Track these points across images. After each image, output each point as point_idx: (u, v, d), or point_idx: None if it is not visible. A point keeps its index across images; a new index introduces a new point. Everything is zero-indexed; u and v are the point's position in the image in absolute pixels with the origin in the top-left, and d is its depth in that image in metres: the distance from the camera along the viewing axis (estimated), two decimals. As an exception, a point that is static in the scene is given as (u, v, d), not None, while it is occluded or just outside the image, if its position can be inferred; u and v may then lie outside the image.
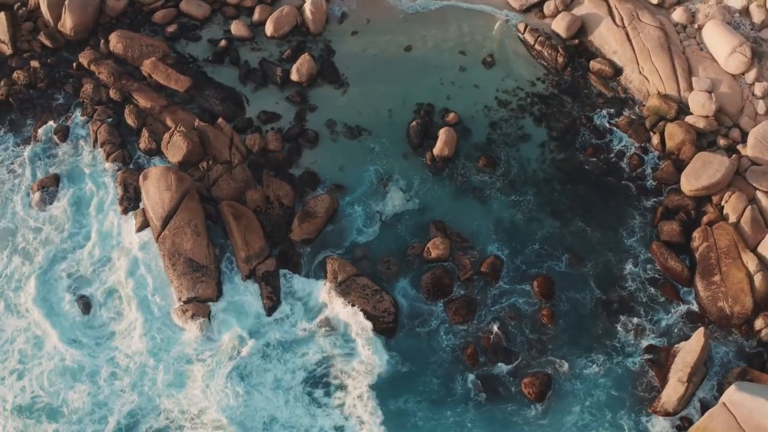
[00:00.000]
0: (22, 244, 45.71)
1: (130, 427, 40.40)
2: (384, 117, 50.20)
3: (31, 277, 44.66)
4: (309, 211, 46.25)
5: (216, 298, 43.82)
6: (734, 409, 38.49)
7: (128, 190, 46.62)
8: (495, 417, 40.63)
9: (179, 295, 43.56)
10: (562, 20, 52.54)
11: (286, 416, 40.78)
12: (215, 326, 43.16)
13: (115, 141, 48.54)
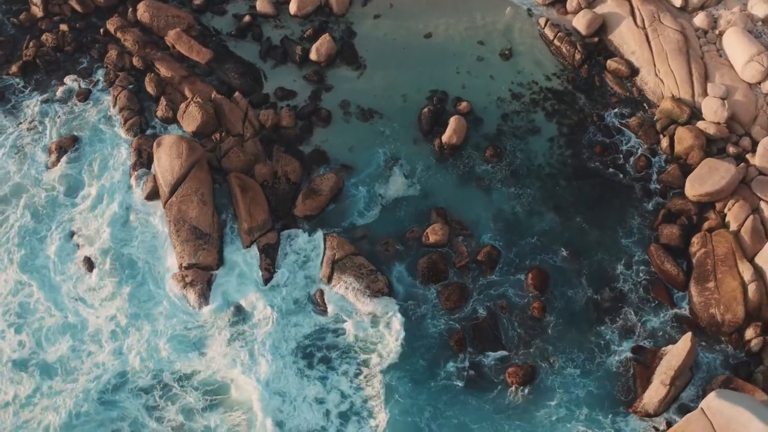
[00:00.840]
0: (33, 202, 46.71)
1: (117, 386, 41.25)
2: (397, 101, 50.37)
3: (38, 234, 45.67)
4: (314, 188, 46.73)
5: (216, 266, 44.56)
6: (712, 415, 38.23)
7: (142, 155, 47.58)
8: (469, 402, 40.77)
9: (180, 260, 44.38)
10: (584, 17, 52.14)
11: (275, 382, 41.24)
12: (213, 293, 43.84)
13: (133, 107, 49.51)
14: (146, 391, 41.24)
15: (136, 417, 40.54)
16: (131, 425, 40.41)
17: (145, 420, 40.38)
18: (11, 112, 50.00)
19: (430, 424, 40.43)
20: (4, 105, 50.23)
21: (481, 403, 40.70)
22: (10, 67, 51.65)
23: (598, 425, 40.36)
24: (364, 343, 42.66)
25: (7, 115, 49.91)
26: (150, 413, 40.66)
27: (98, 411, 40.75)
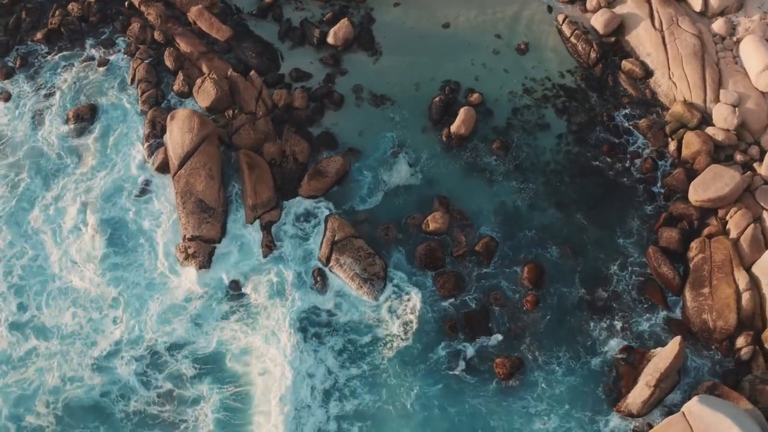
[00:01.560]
0: (46, 167, 47.67)
1: (111, 353, 42.10)
2: (410, 89, 50.35)
3: (48, 199, 46.61)
4: (320, 169, 47.04)
5: (218, 240, 45.14)
6: (692, 420, 38.01)
7: (155, 127, 48.18)
8: (454, 388, 41.02)
9: (184, 232, 45.01)
10: (602, 16, 51.61)
11: (266, 354, 42.01)
12: (213, 266, 44.44)
13: (151, 80, 50.17)
14: (139, 359, 41.98)
15: (127, 383, 41.24)
16: (121, 389, 41.12)
17: (136, 386, 41.11)
18: (32, 77, 50.91)
19: (414, 405, 40.65)
20: (27, 70, 51.15)
21: (465, 390, 41.07)
22: (35, 34, 52.51)
23: (576, 421, 40.40)
24: (357, 324, 43.03)
25: (28, 80, 50.86)
26: (142, 380, 41.34)
27: (91, 376, 41.59)
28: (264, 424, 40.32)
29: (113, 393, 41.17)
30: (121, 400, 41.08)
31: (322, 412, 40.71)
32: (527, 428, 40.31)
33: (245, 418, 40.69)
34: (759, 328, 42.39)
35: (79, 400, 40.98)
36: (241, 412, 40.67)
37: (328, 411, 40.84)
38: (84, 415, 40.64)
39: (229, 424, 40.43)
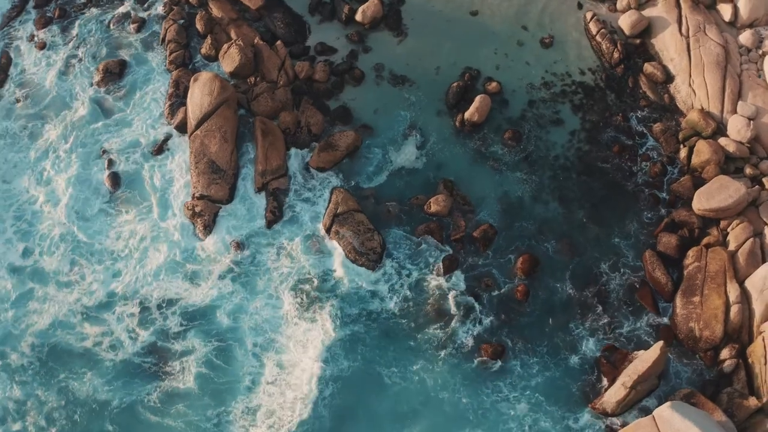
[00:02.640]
0: (72, 117, 49.02)
1: (105, 304, 43.47)
2: (430, 72, 50.26)
3: (70, 148, 47.99)
4: (332, 142, 47.41)
5: (226, 202, 45.98)
6: (661, 424, 37.65)
7: (179, 87, 49.16)
8: (432, 363, 41.55)
9: (194, 190, 45.96)
10: (630, 17, 50.64)
11: (258, 316, 43.02)
12: (217, 227, 45.37)
13: (180, 41, 51.01)
14: (132, 313, 43.18)
15: (118, 335, 42.57)
16: (112, 341, 42.45)
17: (126, 339, 42.41)
18: (68, 28, 52.33)
19: (392, 375, 41.31)
20: (63, 21, 52.57)
21: (444, 367, 41.50)
22: (76, -14, 54.14)
23: (547, 413, 40.54)
24: (349, 294, 43.59)
25: (63, 31, 52.26)
26: (132, 333, 42.66)
27: (81, 324, 43.04)
28: (245, 377, 41.47)
29: (104, 343, 42.41)
30: (110, 351, 42.28)
31: (300, 371, 41.67)
32: (494, 410, 40.53)
33: (231, 370, 41.83)
34: (745, 342, 41.72)
35: (67, 346, 42.42)
36: (226, 365, 41.86)
37: (305, 370, 41.67)
38: (70, 361, 42.12)
39: (213, 373, 41.73)
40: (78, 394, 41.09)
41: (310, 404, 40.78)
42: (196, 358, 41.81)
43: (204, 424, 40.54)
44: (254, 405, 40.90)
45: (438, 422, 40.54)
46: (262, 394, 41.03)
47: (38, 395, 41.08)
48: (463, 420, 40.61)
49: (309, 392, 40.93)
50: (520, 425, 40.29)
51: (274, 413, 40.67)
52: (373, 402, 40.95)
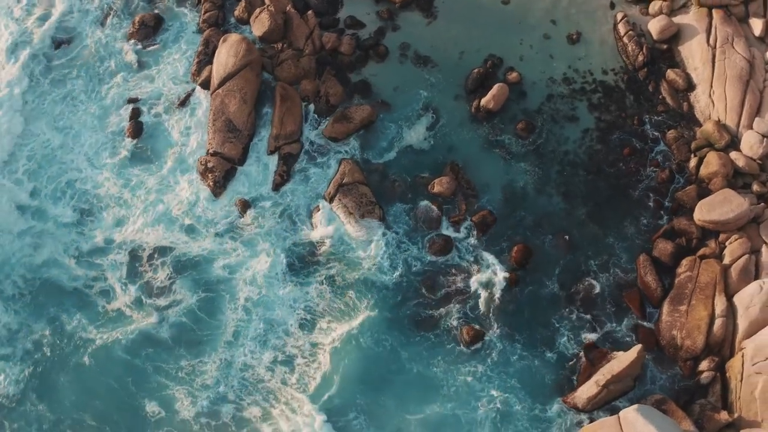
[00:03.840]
0: (98, 66, 49.90)
1: (103, 249, 44.48)
2: (453, 56, 49.89)
3: (98, 94, 48.93)
4: (347, 114, 47.57)
5: (237, 161, 46.59)
6: (625, 425, 37.37)
7: (208, 46, 49.62)
8: (413, 340, 41.92)
9: (209, 147, 46.68)
10: (659, 22, 49.51)
11: (254, 273, 43.69)
12: (227, 184, 45.99)
13: (216, 2, 51.39)
14: (128, 261, 44.23)
15: (110, 282, 43.65)
16: (103, 287, 43.62)
17: (115, 287, 43.50)
18: (105, -22, 53.49)
19: (372, 346, 41.81)
20: (101, -29, 53.75)
21: (423, 343, 41.93)
22: (117, -65, 54.80)
23: (518, 401, 40.54)
24: (343, 262, 43.95)
25: (100, -20, 53.44)
26: (123, 281, 43.75)
27: (75, 267, 44.13)
28: (228, 330, 42.44)
29: (95, 287, 43.59)
30: (100, 296, 43.43)
31: (283, 330, 42.45)
32: (467, 388, 40.81)
33: (214, 323, 42.75)
34: (725, 356, 41.02)
35: (59, 283, 43.66)
36: (209, 318, 42.85)
37: (290, 330, 42.52)
38: (61, 298, 43.36)
39: (196, 324, 42.80)
40: (65, 329, 42.35)
41: (286, 367, 41.60)
42: (183, 307, 42.67)
43: (176, 373, 41.47)
44: (232, 359, 41.68)
45: (408, 392, 41.03)
46: (242, 348, 41.79)
47: (29, 324, 42.43)
48: (434, 393, 41.03)
49: (285, 356, 41.67)
50: (490, 406, 40.35)
51: (251, 368, 41.47)
52: (346, 365, 41.52)
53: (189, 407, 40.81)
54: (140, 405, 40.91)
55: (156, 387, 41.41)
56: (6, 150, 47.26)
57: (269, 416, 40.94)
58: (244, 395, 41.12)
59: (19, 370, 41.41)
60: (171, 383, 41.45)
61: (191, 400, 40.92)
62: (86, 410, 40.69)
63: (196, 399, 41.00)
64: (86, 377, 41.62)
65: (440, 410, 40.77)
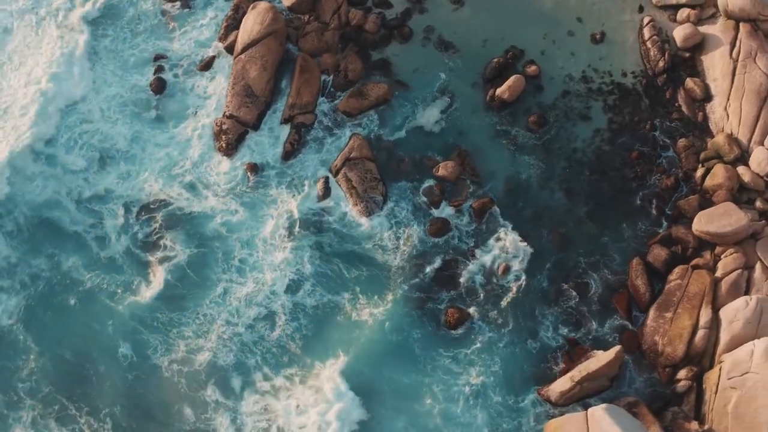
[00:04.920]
0: (131, 22, 50.79)
1: (103, 198, 45.31)
2: (476, 44, 49.43)
3: (127, 46, 49.91)
4: (363, 91, 47.62)
5: (252, 126, 47.00)
6: (591, 423, 37.30)
7: (238, 12, 50.02)
8: (398, 316, 42.07)
9: (226, 109, 47.17)
10: (684, 30, 48.36)
11: (251, 234, 44.36)
12: (237, 148, 46.52)
13: (251, -31, 52.22)
14: (125, 213, 44.98)
15: (106, 230, 44.58)
16: (98, 234, 44.51)
17: (111, 235, 44.44)
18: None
19: (355, 314, 42.27)
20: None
21: (404, 318, 42.10)
22: None
23: (494, 387, 40.41)
24: (341, 235, 44.24)
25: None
26: (119, 229, 44.60)
27: (75, 211, 45.08)
28: (217, 287, 43.15)
29: (92, 233, 44.51)
30: (96, 242, 44.35)
31: (271, 291, 43.02)
32: (444, 367, 40.96)
33: (201, 281, 43.56)
34: (705, 367, 40.38)
35: (60, 225, 44.74)
36: (197, 275, 43.65)
37: (279, 295, 42.98)
38: (60, 239, 44.40)
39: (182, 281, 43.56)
40: (60, 268, 43.40)
41: (267, 323, 42.36)
42: (175, 262, 43.40)
43: (154, 323, 42.42)
44: (214, 315, 42.46)
45: (386, 361, 41.26)
46: (227, 306, 42.46)
47: (28, 260, 43.65)
48: (411, 365, 41.19)
49: (268, 313, 42.41)
50: (464, 387, 40.48)
51: (232, 325, 42.14)
52: (327, 330, 42.09)
53: (161, 356, 41.68)
54: (115, 347, 41.84)
55: (131, 333, 42.25)
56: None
57: (243, 367, 41.49)
58: (220, 347, 41.82)
59: (15, 302, 42.65)
60: (146, 331, 42.24)
61: (165, 348, 41.79)
62: (67, 347, 41.81)
63: (170, 348, 41.88)
64: (71, 316, 42.73)
65: (416, 381, 40.95)
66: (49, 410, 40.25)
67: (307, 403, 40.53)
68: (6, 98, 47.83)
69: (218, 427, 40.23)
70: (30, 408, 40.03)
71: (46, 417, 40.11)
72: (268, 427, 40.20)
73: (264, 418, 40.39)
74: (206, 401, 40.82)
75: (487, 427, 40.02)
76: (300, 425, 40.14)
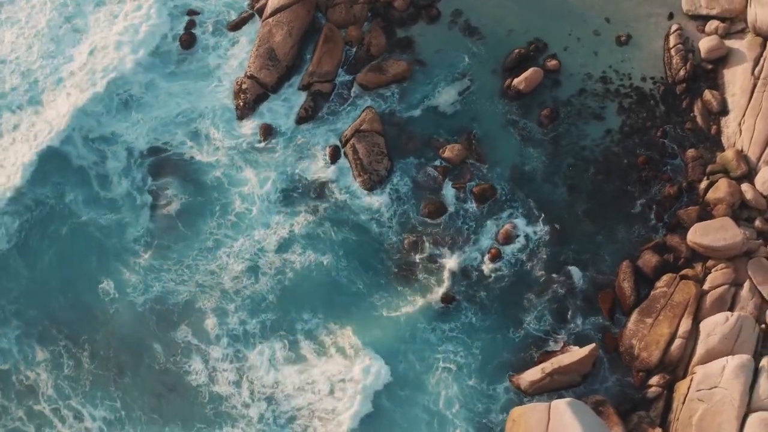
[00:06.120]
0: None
1: (110, 140, 46.22)
2: (501, 33, 48.81)
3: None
4: (382, 66, 47.59)
5: (270, 89, 47.45)
6: (554, 415, 37.24)
7: (272, -21, 50.81)
8: (379, 282, 42.55)
9: (247, 70, 47.70)
10: (710, 42, 47.04)
11: (251, 189, 44.97)
12: (254, 109, 47.05)
13: (291, -64, 52.19)
14: (128, 155, 46.07)
15: (108, 170, 45.57)
16: (101, 172, 45.59)
17: (113, 177, 45.44)
18: None
19: (342, 279, 42.73)
20: None
21: (390, 288, 42.61)
22: None
23: (466, 366, 40.60)
24: (339, 202, 44.57)
25: None
26: (123, 168, 45.63)
27: (83, 147, 46.13)
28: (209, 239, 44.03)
29: (94, 170, 45.56)
30: (98, 180, 45.33)
31: (259, 248, 43.70)
32: (424, 339, 41.29)
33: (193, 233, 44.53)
34: (678, 376, 39.82)
35: (68, 158, 45.85)
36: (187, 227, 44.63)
37: (267, 248, 43.70)
38: (67, 172, 45.56)
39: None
40: (63, 199, 44.79)
41: (251, 277, 43.12)
42: (172, 208, 44.51)
43: (137, 261, 43.58)
44: (199, 262, 43.36)
45: (366, 325, 41.78)
46: (213, 255, 43.42)
47: (34, 188, 45.05)
48: (392, 332, 41.67)
49: (253, 266, 43.17)
50: (438, 362, 40.81)
51: (215, 274, 43.02)
52: (309, 288, 42.68)
53: (139, 295, 42.77)
54: (98, 282, 43.02)
55: (114, 271, 43.34)
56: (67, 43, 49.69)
57: (220, 311, 42.37)
58: (199, 293, 42.65)
59: (17, 227, 44.10)
60: (126, 270, 43.33)
61: (143, 287, 42.88)
62: (55, 275, 43.32)
63: (149, 287, 42.97)
64: (63, 246, 44.15)
65: (393, 347, 41.37)
66: (32, 330, 41.96)
67: (278, 356, 41.45)
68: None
69: (190, 366, 41.31)
70: (15, 328, 41.74)
71: (29, 336, 41.77)
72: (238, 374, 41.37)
73: (234, 366, 41.36)
74: (179, 342, 41.88)
75: (458, 400, 40.34)
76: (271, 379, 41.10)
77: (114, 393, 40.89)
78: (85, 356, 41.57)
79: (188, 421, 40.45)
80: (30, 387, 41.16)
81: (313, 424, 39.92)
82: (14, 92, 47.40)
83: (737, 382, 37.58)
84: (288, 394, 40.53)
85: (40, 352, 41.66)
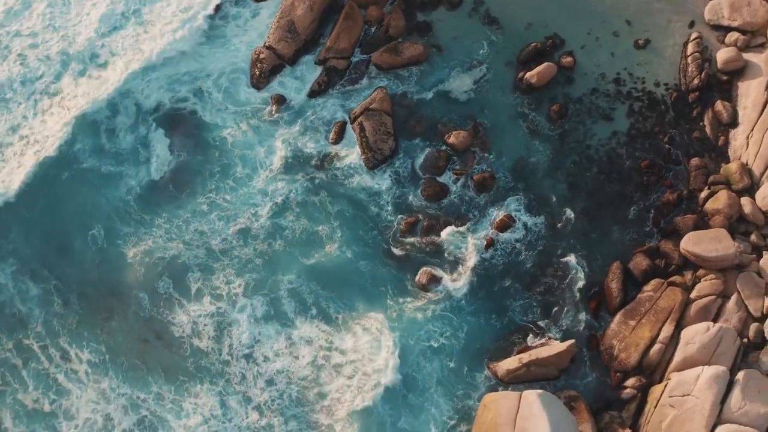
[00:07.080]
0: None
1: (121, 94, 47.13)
2: (520, 25, 48.35)
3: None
4: (398, 48, 47.41)
5: (287, 61, 47.51)
6: (523, 404, 37.24)
7: (302, -44, 50.73)
8: (375, 259, 42.75)
9: (267, 41, 47.89)
10: (727, 53, 46.05)
11: (254, 154, 45.41)
12: (270, 78, 47.18)
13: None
14: (137, 111, 46.70)
15: (116, 124, 46.33)
16: (110, 126, 46.21)
17: (119, 133, 46.05)
18: None
19: (334, 251, 42.82)
20: None
21: (383, 266, 42.76)
22: None
23: (450, 347, 40.67)
24: (341, 177, 44.78)
25: None
26: (131, 125, 46.25)
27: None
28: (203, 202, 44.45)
29: (105, 125, 46.23)
30: (107, 135, 46.00)
31: (253, 213, 44.01)
32: (411, 318, 41.30)
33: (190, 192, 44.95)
34: (654, 380, 39.48)
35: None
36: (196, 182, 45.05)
37: (260, 213, 43.95)
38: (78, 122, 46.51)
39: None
40: (73, 147, 45.58)
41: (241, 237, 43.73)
42: (173, 164, 45.09)
43: (130, 213, 44.21)
44: (191, 222, 43.97)
45: (355, 295, 42.00)
46: (207, 218, 43.87)
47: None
48: (380, 307, 41.72)
49: (245, 229, 43.66)
50: (422, 340, 40.86)
51: (205, 234, 43.51)
52: (299, 254, 42.98)
53: (131, 246, 43.48)
54: (89, 228, 43.80)
55: (108, 219, 44.06)
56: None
57: (208, 277, 42.71)
58: (185, 249, 43.20)
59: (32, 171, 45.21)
60: (118, 220, 44.04)
61: (135, 240, 43.45)
62: (51, 218, 44.30)
63: (140, 239, 43.58)
64: (62, 191, 44.91)
65: (378, 319, 41.46)
66: (26, 268, 42.90)
67: (260, 315, 41.88)
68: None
69: (173, 318, 41.98)
70: (11, 264, 42.68)
71: (23, 273, 42.77)
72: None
73: (215, 320, 41.83)
74: (161, 293, 42.47)
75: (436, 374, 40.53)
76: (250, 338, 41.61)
77: (100, 336, 41.68)
78: (73, 298, 42.32)
79: (171, 372, 41.08)
80: (21, 321, 42.01)
81: (289, 389, 40.26)
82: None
83: (710, 392, 37.18)
84: (266, 356, 41.00)
85: (33, 288, 42.55)
